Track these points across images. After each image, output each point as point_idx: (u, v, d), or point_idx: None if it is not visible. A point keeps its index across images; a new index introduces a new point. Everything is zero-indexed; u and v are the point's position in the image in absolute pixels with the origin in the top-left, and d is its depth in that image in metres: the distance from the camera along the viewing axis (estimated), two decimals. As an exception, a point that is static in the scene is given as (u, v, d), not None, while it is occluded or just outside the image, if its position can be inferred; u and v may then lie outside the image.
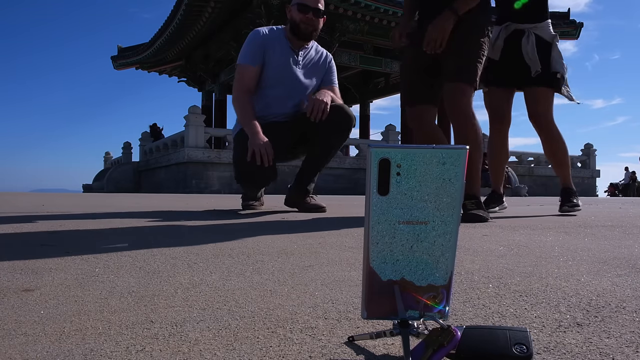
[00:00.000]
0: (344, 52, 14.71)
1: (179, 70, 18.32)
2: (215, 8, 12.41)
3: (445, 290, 0.50)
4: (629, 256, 1.19)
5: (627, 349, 0.55)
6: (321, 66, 2.70)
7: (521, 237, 1.58)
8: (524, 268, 1.03)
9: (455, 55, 2.21)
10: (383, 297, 0.50)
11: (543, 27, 2.60)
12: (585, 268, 1.04)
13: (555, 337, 0.59)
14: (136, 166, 15.22)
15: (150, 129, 15.54)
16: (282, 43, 2.57)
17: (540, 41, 2.57)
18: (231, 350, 0.55)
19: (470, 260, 1.13)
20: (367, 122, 19.06)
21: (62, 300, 0.77)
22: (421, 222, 0.48)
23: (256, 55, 2.53)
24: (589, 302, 0.75)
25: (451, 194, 0.47)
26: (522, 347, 0.48)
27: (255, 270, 1.01)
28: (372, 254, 0.49)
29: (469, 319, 0.68)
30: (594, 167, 15.97)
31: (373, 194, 0.47)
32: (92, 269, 1.02)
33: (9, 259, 1.12)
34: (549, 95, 2.61)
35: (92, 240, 1.48)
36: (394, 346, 0.56)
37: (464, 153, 0.47)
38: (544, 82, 2.57)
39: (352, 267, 1.05)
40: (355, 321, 0.66)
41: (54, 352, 0.55)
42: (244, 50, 2.56)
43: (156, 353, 0.54)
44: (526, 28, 2.58)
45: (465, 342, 0.49)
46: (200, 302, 0.76)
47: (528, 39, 2.55)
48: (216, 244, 1.37)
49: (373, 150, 0.47)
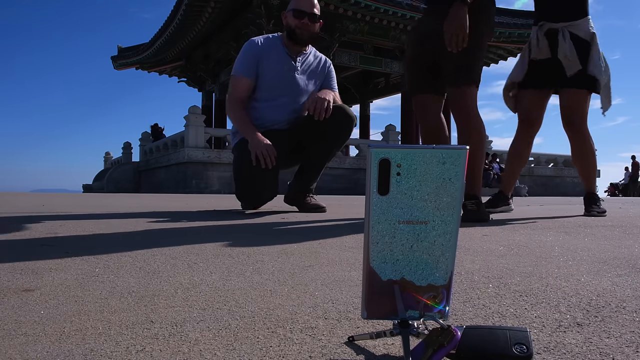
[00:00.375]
0: (344, 52, 14.71)
1: (179, 70, 18.32)
2: (215, 8, 12.41)
3: (445, 290, 0.50)
4: (629, 256, 1.19)
5: (627, 349, 0.55)
6: (320, 71, 2.69)
7: (521, 237, 1.58)
8: (524, 268, 1.03)
9: (455, 55, 2.17)
10: (383, 297, 0.50)
11: (579, 25, 2.47)
12: (585, 268, 1.04)
13: (555, 337, 0.59)
14: (136, 166, 15.22)
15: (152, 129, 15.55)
16: (278, 50, 2.57)
17: (576, 40, 2.45)
18: (231, 350, 0.55)
19: (470, 260, 1.13)
20: (367, 122, 19.06)
21: (62, 300, 0.77)
22: (421, 222, 0.48)
23: (250, 66, 2.53)
24: (589, 302, 0.75)
25: (451, 193, 0.47)
26: (522, 347, 0.48)
27: (255, 270, 1.01)
28: (372, 254, 0.49)
29: (469, 319, 0.68)
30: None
31: (373, 193, 0.47)
32: (92, 269, 1.02)
33: (9, 259, 1.12)
34: (584, 98, 2.52)
35: (92, 240, 1.48)
36: (394, 346, 0.56)
37: (464, 153, 0.47)
38: (580, 83, 2.47)
39: (352, 267, 1.05)
40: (355, 321, 0.66)
41: (54, 352, 0.55)
42: (238, 60, 2.57)
43: (156, 353, 0.54)
44: (560, 27, 2.47)
45: (465, 342, 0.49)
46: (201, 302, 0.76)
47: (565, 38, 2.44)
48: (216, 244, 1.37)
49: (373, 150, 0.47)
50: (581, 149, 2.65)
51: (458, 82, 2.22)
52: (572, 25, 2.48)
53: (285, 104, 2.59)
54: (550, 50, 2.51)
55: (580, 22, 2.48)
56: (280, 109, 2.58)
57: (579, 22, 2.49)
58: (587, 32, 2.47)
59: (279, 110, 2.58)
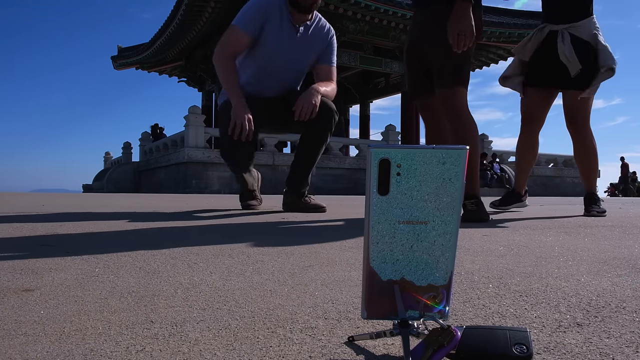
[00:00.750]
0: (344, 52, 14.70)
1: (179, 70, 18.31)
2: (215, 8, 12.41)
3: (445, 290, 0.50)
4: (629, 256, 1.19)
5: (627, 349, 0.55)
6: (322, 39, 2.58)
7: (521, 237, 1.58)
8: (524, 268, 1.03)
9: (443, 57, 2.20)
10: (383, 297, 0.50)
11: (580, 27, 2.48)
12: (585, 268, 1.04)
13: (555, 337, 0.59)
14: (136, 166, 15.21)
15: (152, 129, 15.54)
16: (283, 16, 2.46)
17: (578, 41, 2.46)
18: (231, 350, 0.55)
19: (470, 260, 1.13)
20: (367, 122, 19.06)
21: (62, 300, 0.77)
22: (421, 222, 0.48)
23: (256, 23, 2.40)
24: (589, 302, 0.75)
25: (451, 193, 0.47)
26: (522, 347, 0.48)
27: (255, 270, 1.01)
28: (372, 254, 0.49)
29: (469, 319, 0.68)
30: (594, 167, 15.95)
31: (373, 194, 0.47)
32: (92, 269, 1.02)
33: (9, 259, 1.12)
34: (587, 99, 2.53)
35: (92, 240, 1.48)
36: (394, 346, 0.56)
37: (464, 153, 0.47)
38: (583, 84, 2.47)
39: (352, 267, 1.05)
40: (355, 321, 0.66)
41: (54, 352, 0.55)
42: (244, 12, 2.43)
43: (156, 353, 0.54)
44: (560, 29, 2.49)
45: (465, 342, 0.49)
46: (200, 302, 0.76)
47: (563, 40, 2.46)
48: (216, 244, 1.37)
49: (373, 150, 0.47)
50: (583, 148, 2.66)
51: (448, 83, 2.24)
52: (572, 27, 2.49)
53: (283, 71, 2.52)
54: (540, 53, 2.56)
55: (581, 24, 2.49)
56: (272, 77, 2.52)
57: (579, 23, 2.49)
58: (589, 33, 2.47)
59: (271, 78, 2.52)
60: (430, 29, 2.26)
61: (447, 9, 2.15)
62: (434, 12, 2.25)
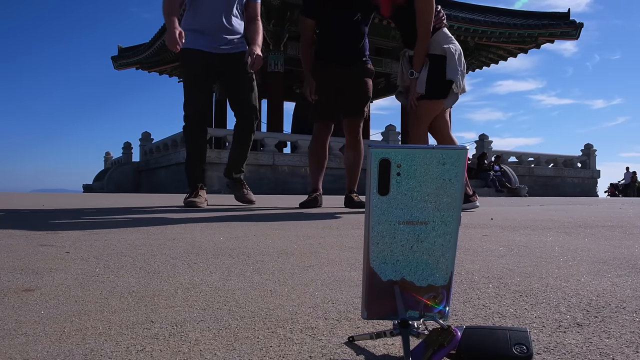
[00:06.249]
0: (344, 52, 14.69)
1: (179, 70, 18.31)
2: (215, 8, 12.41)
3: (446, 290, 0.50)
4: (629, 256, 1.19)
5: (627, 349, 0.55)
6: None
7: (521, 237, 1.58)
8: (524, 268, 1.04)
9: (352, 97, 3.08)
10: (383, 298, 0.50)
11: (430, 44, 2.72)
12: (585, 268, 1.04)
13: (555, 337, 0.59)
14: (136, 166, 15.21)
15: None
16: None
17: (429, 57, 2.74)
18: (231, 350, 0.55)
19: (470, 260, 1.13)
20: (367, 122, 19.06)
21: (62, 300, 0.77)
22: (421, 223, 0.48)
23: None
24: (589, 303, 0.75)
25: (451, 194, 0.47)
26: (522, 347, 0.48)
27: (255, 271, 1.01)
28: (372, 254, 0.49)
29: (469, 319, 0.68)
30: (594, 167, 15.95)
31: (373, 194, 0.47)
32: (92, 269, 1.02)
33: (9, 259, 1.12)
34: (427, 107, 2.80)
35: (92, 240, 1.48)
36: (394, 346, 0.56)
37: (464, 153, 0.47)
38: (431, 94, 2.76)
39: (352, 267, 1.05)
40: (355, 321, 0.66)
41: (54, 352, 0.55)
42: None
43: (156, 353, 0.54)
44: (406, 51, 2.86)
45: (465, 342, 0.49)
46: (201, 302, 0.76)
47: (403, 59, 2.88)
48: (216, 244, 1.37)
49: (373, 150, 0.47)
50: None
51: (356, 114, 3.13)
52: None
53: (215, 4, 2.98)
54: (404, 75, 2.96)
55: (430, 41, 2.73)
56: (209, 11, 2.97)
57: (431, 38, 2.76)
58: (440, 48, 2.72)
59: (209, 13, 2.97)
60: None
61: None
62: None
